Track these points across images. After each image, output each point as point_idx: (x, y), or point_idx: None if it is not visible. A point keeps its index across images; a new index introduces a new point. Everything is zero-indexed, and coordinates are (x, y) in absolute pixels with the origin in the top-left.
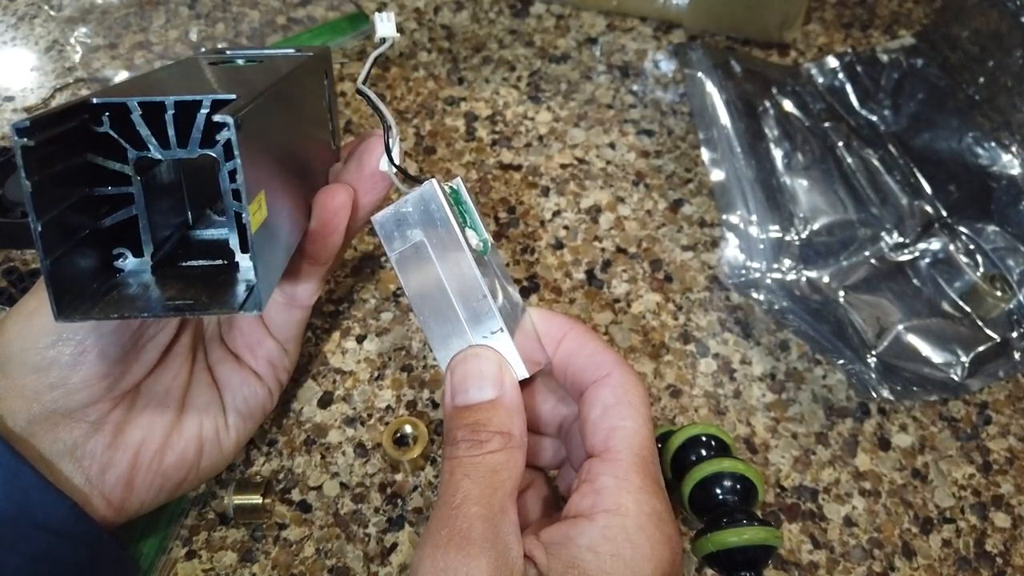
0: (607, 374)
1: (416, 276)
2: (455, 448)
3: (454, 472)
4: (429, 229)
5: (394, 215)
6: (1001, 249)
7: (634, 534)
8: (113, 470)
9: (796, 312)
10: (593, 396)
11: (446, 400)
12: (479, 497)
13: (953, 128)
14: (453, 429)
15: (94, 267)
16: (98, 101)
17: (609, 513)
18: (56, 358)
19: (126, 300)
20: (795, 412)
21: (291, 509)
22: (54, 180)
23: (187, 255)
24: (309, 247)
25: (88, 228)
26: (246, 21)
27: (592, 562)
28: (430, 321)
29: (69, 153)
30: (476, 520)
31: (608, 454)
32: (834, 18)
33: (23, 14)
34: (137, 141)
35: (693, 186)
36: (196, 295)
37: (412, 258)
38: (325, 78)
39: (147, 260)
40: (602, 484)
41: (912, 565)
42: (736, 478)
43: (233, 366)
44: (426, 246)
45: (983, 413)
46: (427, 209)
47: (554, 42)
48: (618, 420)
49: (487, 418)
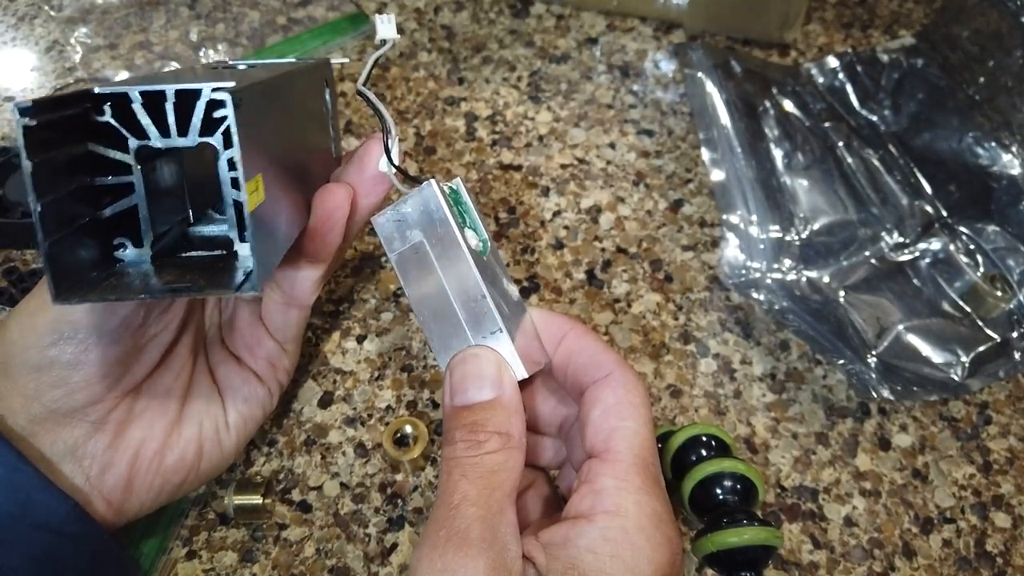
0: (608, 374)
1: (416, 277)
2: (453, 448)
3: (452, 472)
4: (428, 230)
5: (394, 216)
6: (1001, 249)
7: (634, 535)
8: (113, 470)
9: (796, 312)
10: (594, 396)
11: (445, 400)
12: (477, 497)
13: (953, 128)
14: (452, 429)
15: (94, 256)
16: (100, 91)
17: (609, 514)
18: (57, 357)
19: (124, 287)
20: (795, 412)
21: (291, 509)
22: (55, 166)
23: (187, 248)
24: (308, 245)
25: (88, 217)
26: (246, 21)
27: (592, 563)
28: (430, 321)
29: (70, 140)
30: (474, 521)
31: (608, 455)
32: (834, 18)
33: (23, 14)
34: (138, 130)
35: (693, 186)
36: (194, 279)
37: (412, 259)
38: (326, 87)
39: (147, 250)
40: (602, 485)
41: (912, 565)
42: (736, 478)
43: (234, 367)
44: (425, 247)
45: (983, 413)
46: (426, 210)
47: (554, 42)
48: (618, 420)
49: (485, 418)
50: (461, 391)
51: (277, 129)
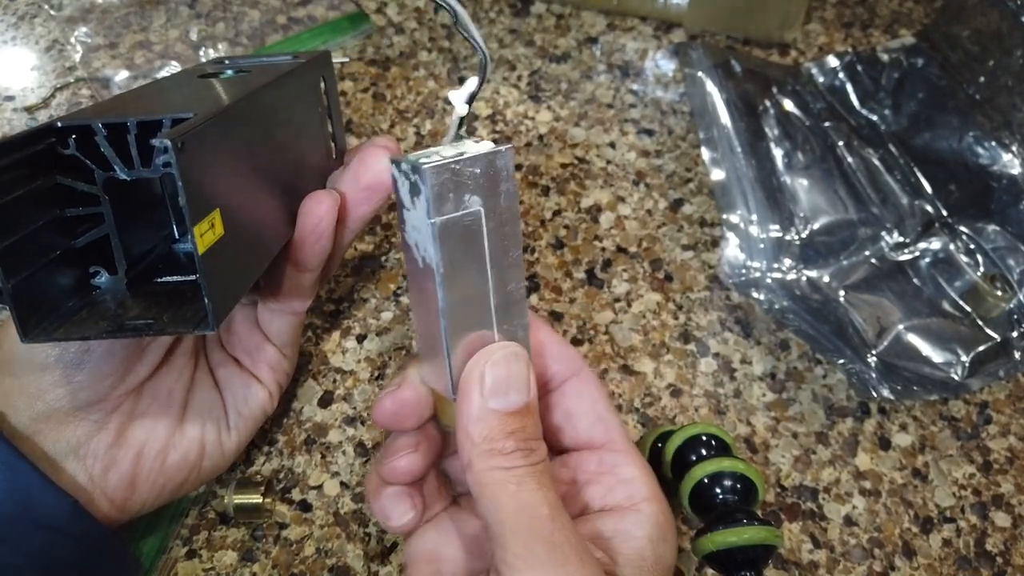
0: (579, 369)
1: (457, 249)
2: (510, 457)
3: (525, 483)
4: (490, 200)
5: (453, 173)
6: (1001, 248)
7: (670, 516)
8: (116, 469)
9: (796, 312)
10: (575, 390)
11: (474, 400)
12: (556, 505)
13: (953, 127)
14: (497, 438)
15: (72, 284)
16: (63, 124)
17: (649, 501)
18: (60, 356)
19: (94, 319)
20: (795, 411)
21: (291, 508)
22: (19, 204)
23: (167, 269)
24: (294, 254)
25: (61, 248)
26: (246, 21)
27: (652, 550)
28: (456, 303)
29: (36, 176)
30: (569, 532)
31: (614, 444)
32: (834, 18)
33: (23, 13)
34: (103, 162)
35: (693, 185)
36: (158, 314)
37: (457, 227)
38: (323, 83)
39: (121, 278)
40: (629, 475)
41: (912, 565)
42: (736, 477)
43: (234, 369)
44: (481, 219)
45: (983, 413)
46: (496, 177)
47: (554, 42)
48: (606, 412)
49: (527, 423)
50: (502, 393)
51: (248, 150)
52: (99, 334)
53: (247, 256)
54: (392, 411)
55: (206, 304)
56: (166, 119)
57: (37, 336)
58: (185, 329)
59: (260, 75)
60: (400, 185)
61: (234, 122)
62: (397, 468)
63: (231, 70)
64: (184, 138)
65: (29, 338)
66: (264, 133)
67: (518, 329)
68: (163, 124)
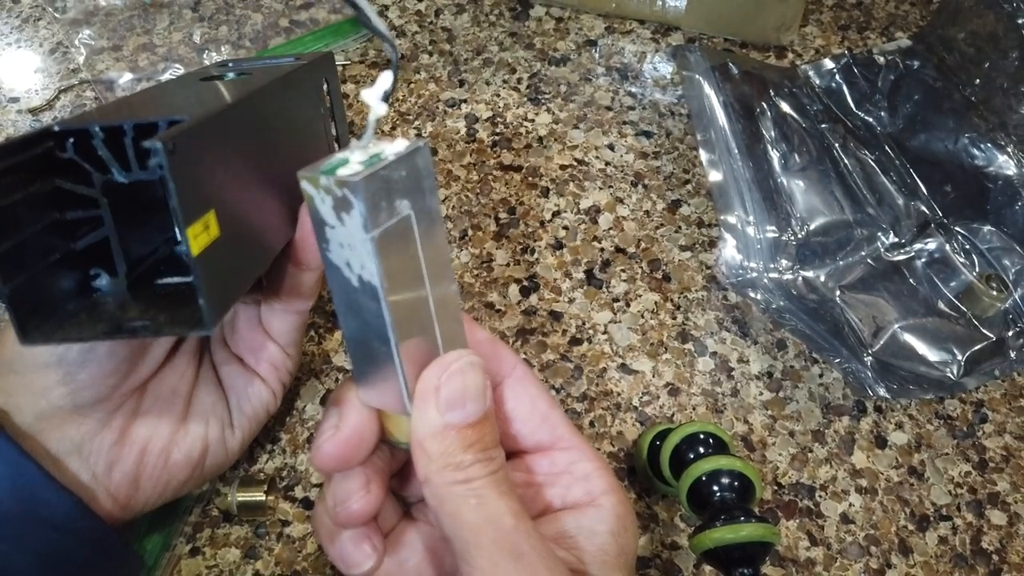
0: (514, 366)
1: (395, 259)
2: (469, 471)
3: (486, 495)
4: (417, 200)
5: (383, 180)
6: (997, 249)
7: (628, 504)
8: (120, 467)
9: (793, 311)
10: (514, 391)
11: (431, 415)
12: (519, 512)
13: (949, 129)
14: (455, 452)
15: (72, 286)
16: (60, 128)
17: (607, 494)
18: (64, 355)
19: (93, 320)
20: (792, 410)
21: (294, 506)
22: (17, 207)
23: (169, 271)
24: (295, 254)
25: (61, 251)
26: (249, 24)
27: (613, 543)
28: (400, 316)
29: (34, 180)
30: (535, 540)
31: (562, 442)
32: (831, 20)
33: (27, 16)
34: (101, 165)
35: (691, 187)
36: (156, 315)
37: (392, 236)
38: (326, 84)
39: (122, 280)
40: (582, 470)
41: (908, 562)
42: (734, 475)
43: (237, 368)
44: (412, 222)
45: (979, 411)
46: (419, 175)
47: (554, 44)
48: (548, 408)
49: (485, 434)
50: (458, 406)
51: (245, 151)
52: (96, 336)
53: (245, 257)
54: (335, 455)
55: (201, 305)
56: (162, 122)
57: (36, 338)
58: (181, 330)
59: (261, 77)
60: (319, 202)
61: (232, 123)
62: (352, 513)
63: (233, 72)
64: (176, 140)
65: (28, 340)
66: (264, 134)
67: (457, 329)
68: (159, 127)
